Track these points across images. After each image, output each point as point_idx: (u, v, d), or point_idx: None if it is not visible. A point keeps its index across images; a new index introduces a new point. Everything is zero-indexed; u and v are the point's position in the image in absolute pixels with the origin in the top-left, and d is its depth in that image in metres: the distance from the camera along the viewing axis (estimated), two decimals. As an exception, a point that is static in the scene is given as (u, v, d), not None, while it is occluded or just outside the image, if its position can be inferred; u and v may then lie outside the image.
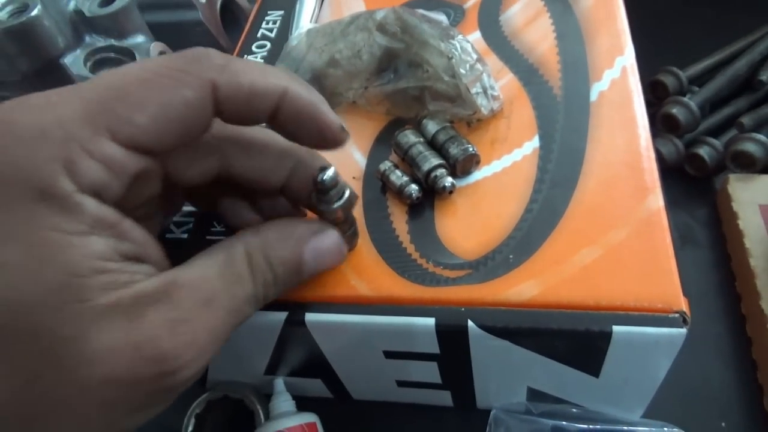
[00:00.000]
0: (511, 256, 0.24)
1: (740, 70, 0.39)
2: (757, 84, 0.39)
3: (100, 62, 0.37)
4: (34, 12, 0.29)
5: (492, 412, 0.30)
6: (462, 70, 0.27)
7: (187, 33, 0.42)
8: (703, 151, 0.37)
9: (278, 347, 0.27)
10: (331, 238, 0.22)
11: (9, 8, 0.30)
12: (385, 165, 0.27)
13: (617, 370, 0.24)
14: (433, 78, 0.28)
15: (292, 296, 0.25)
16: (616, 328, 0.22)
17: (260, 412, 0.31)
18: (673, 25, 0.47)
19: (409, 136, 0.27)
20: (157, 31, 0.40)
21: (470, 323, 0.23)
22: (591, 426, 0.29)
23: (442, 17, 0.33)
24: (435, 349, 0.25)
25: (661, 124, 0.38)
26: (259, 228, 0.21)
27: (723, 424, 0.29)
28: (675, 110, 0.37)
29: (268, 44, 0.37)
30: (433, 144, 0.27)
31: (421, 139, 0.27)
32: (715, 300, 0.33)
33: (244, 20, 0.49)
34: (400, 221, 0.26)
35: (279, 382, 0.30)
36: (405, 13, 0.29)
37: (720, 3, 0.48)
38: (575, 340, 0.23)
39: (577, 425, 0.29)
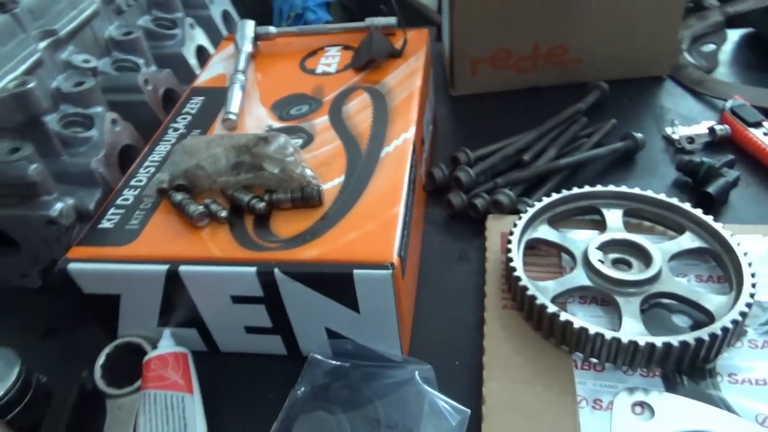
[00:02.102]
0: (308, 236, 0.41)
1: (509, 152, 0.59)
2: (522, 161, 0.58)
3: (68, 123, 0.54)
4: (31, 85, 0.46)
5: (309, 356, 0.44)
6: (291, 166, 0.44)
7: (134, 108, 0.60)
8: (478, 202, 0.55)
9: (164, 298, 0.42)
10: None
11: (13, 82, 0.46)
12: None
13: (366, 305, 0.40)
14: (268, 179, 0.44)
15: (169, 254, 0.40)
16: (356, 272, 0.38)
17: (150, 350, 0.45)
18: (476, 121, 0.67)
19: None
20: (114, 105, 0.57)
21: (276, 270, 0.39)
22: (367, 363, 0.43)
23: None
24: (260, 291, 0.40)
25: (454, 183, 0.57)
26: None
27: (456, 362, 0.44)
28: (460, 174, 0.56)
29: (189, 117, 0.55)
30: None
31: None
32: (474, 295, 0.50)
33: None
34: (249, 222, 0.43)
35: (166, 330, 0.45)
36: (253, 145, 0.46)
37: (504, 110, 0.69)
38: (337, 280, 0.39)
39: (358, 362, 0.43)
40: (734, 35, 0.80)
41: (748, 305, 0.39)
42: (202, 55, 0.72)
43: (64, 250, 0.50)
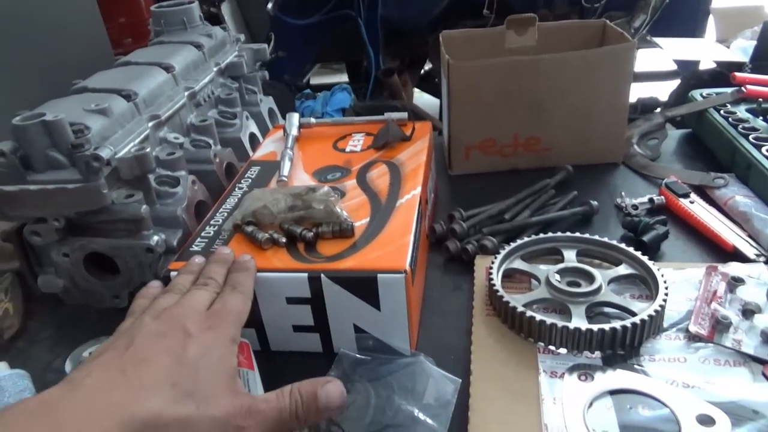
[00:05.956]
0: (344, 255, 0.57)
1: (493, 212, 0.76)
2: (504, 220, 0.76)
3: (161, 182, 0.72)
4: (147, 150, 0.64)
5: (339, 352, 0.58)
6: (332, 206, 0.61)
7: (205, 175, 0.78)
8: (469, 247, 0.71)
9: (237, 301, 0.57)
10: (337, 386, 0.46)
11: (134, 148, 0.65)
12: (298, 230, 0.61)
13: (385, 303, 0.55)
14: (316, 213, 0.62)
15: (248, 266, 0.56)
16: (379, 275, 0.54)
17: (221, 346, 0.59)
18: (468, 193, 0.85)
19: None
20: (191, 172, 0.76)
21: (322, 275, 0.55)
22: (384, 355, 0.57)
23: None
24: (308, 293, 0.56)
25: (450, 234, 0.73)
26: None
27: (451, 356, 0.58)
28: (455, 226, 0.73)
29: (250, 180, 0.73)
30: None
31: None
32: (466, 313, 0.64)
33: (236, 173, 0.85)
34: (301, 246, 0.59)
35: (233, 330, 0.59)
36: (304, 193, 0.64)
37: (490, 186, 0.87)
38: (366, 282, 0.54)
39: (376, 355, 0.57)
40: (677, 133, 1.00)
41: (660, 307, 0.54)
42: (254, 140, 0.92)
43: (154, 274, 0.66)
